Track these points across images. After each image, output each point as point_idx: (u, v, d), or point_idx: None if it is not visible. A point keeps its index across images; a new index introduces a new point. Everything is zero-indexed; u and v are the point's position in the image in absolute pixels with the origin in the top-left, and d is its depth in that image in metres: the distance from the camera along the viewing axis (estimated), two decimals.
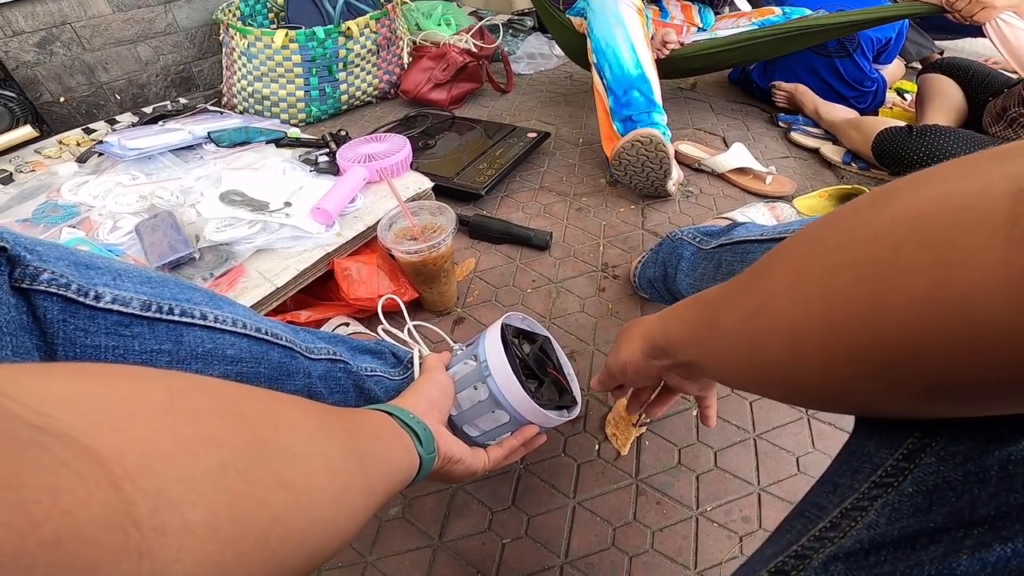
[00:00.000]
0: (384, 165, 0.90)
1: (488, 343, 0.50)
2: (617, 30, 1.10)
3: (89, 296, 0.34)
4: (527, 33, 2.11)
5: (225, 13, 1.55)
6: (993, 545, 0.21)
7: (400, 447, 0.37)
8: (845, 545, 0.26)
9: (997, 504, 0.21)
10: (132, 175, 1.00)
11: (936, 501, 0.24)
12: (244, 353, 0.43)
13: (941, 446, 0.25)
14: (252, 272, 0.78)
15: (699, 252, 0.66)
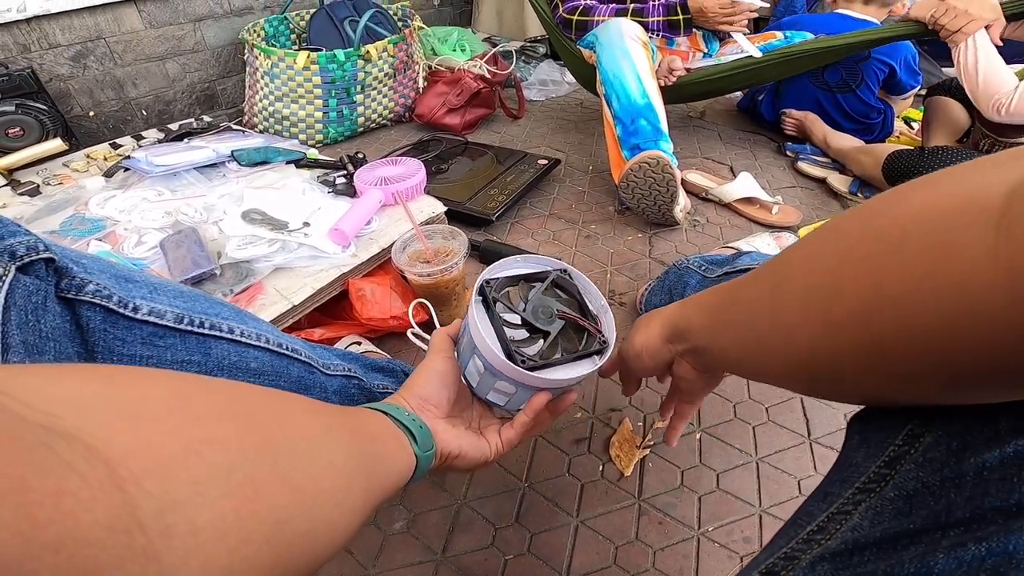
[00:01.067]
0: (399, 188, 0.94)
1: (469, 310, 0.45)
2: (624, 62, 1.14)
3: (128, 308, 0.36)
4: (539, 60, 2.17)
5: (250, 33, 1.61)
6: (968, 545, 0.22)
7: (397, 448, 0.37)
8: (831, 546, 0.27)
9: (972, 507, 0.23)
10: (158, 191, 1.04)
11: (916, 505, 0.26)
12: (267, 367, 0.45)
13: (920, 453, 0.27)
14: (270, 289, 0.81)
15: (704, 280, 0.68)
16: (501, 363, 0.42)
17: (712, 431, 0.76)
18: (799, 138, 1.53)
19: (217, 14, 1.67)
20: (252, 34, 1.61)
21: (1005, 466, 0.23)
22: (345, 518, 0.27)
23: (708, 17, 1.23)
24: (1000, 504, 0.22)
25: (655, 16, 1.30)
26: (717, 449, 0.74)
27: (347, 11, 1.68)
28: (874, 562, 0.25)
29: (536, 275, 0.50)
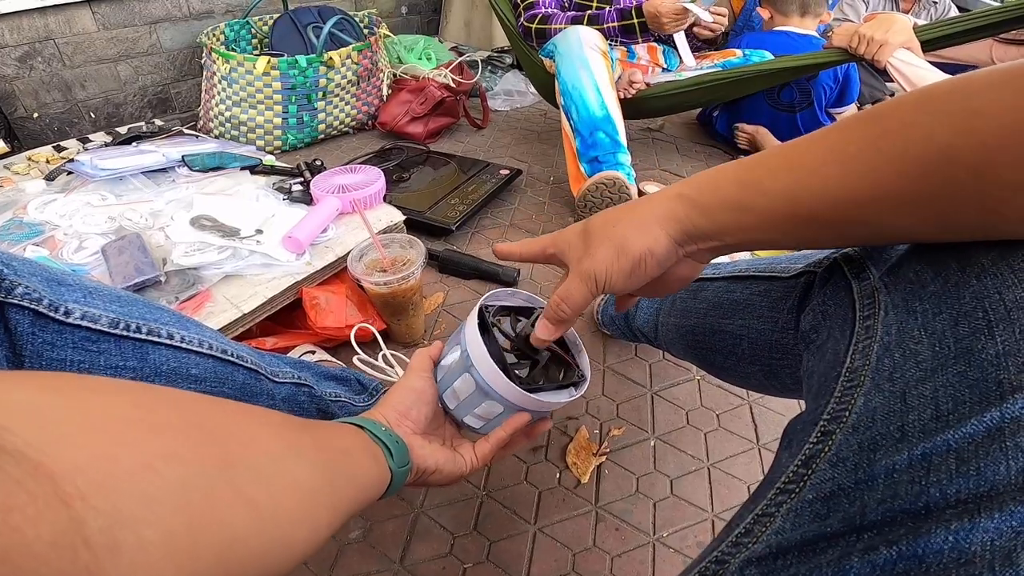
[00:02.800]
0: (357, 197, 0.93)
1: (467, 330, 0.47)
2: (583, 73, 1.16)
3: (59, 312, 0.35)
4: (505, 70, 2.18)
5: (209, 37, 1.57)
6: (880, 548, 0.23)
7: (370, 463, 0.37)
8: (757, 550, 0.28)
9: (884, 510, 0.24)
10: (102, 195, 1.00)
11: (832, 508, 0.27)
12: (208, 373, 0.44)
13: (833, 452, 0.28)
14: (219, 297, 0.79)
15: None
16: (499, 382, 0.44)
17: (665, 438, 0.78)
18: (752, 151, 1.59)
19: (175, 17, 1.63)
20: (211, 38, 1.57)
21: (913, 468, 0.25)
22: (305, 535, 0.27)
23: (663, 22, 1.25)
24: (909, 507, 0.24)
25: (610, 22, 1.32)
26: (671, 456, 0.75)
27: (312, 17, 1.67)
28: (795, 566, 0.26)
29: (523, 309, 0.53)
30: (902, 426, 0.26)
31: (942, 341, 0.27)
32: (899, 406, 0.27)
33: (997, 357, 0.25)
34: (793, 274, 0.45)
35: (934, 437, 0.25)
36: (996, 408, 0.24)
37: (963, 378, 0.25)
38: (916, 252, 0.31)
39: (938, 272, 0.29)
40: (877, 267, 0.34)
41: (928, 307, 0.29)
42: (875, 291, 0.33)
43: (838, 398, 0.30)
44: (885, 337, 0.30)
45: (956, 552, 0.22)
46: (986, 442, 0.23)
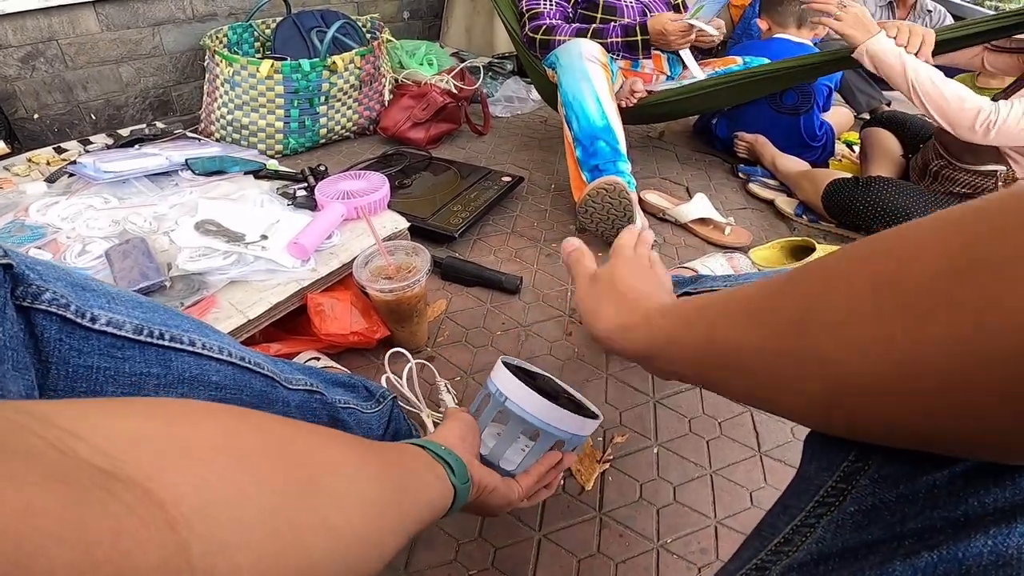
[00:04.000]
0: (362, 203, 0.93)
1: (495, 375, 0.52)
2: (583, 84, 1.17)
3: (86, 317, 0.35)
4: (506, 76, 2.19)
5: (213, 40, 1.57)
6: (921, 553, 0.24)
7: (433, 480, 0.38)
8: (798, 557, 0.29)
9: (924, 519, 0.25)
10: (104, 198, 1.00)
11: (873, 519, 0.27)
12: (228, 380, 0.44)
13: (874, 470, 0.29)
14: (224, 303, 0.79)
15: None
16: (537, 402, 0.49)
17: (668, 446, 0.78)
18: (750, 160, 1.60)
19: (179, 19, 1.63)
20: (214, 40, 1.57)
21: (953, 483, 0.25)
22: (373, 554, 0.27)
23: (670, 40, 1.27)
24: (949, 515, 0.24)
25: (614, 37, 1.33)
26: (674, 463, 0.76)
27: (315, 21, 1.67)
28: (837, 571, 0.27)
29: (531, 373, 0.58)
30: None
31: None
32: None
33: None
34: None
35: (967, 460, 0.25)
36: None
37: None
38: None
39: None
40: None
41: None
42: None
43: None
44: None
45: (994, 555, 0.22)
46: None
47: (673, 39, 1.25)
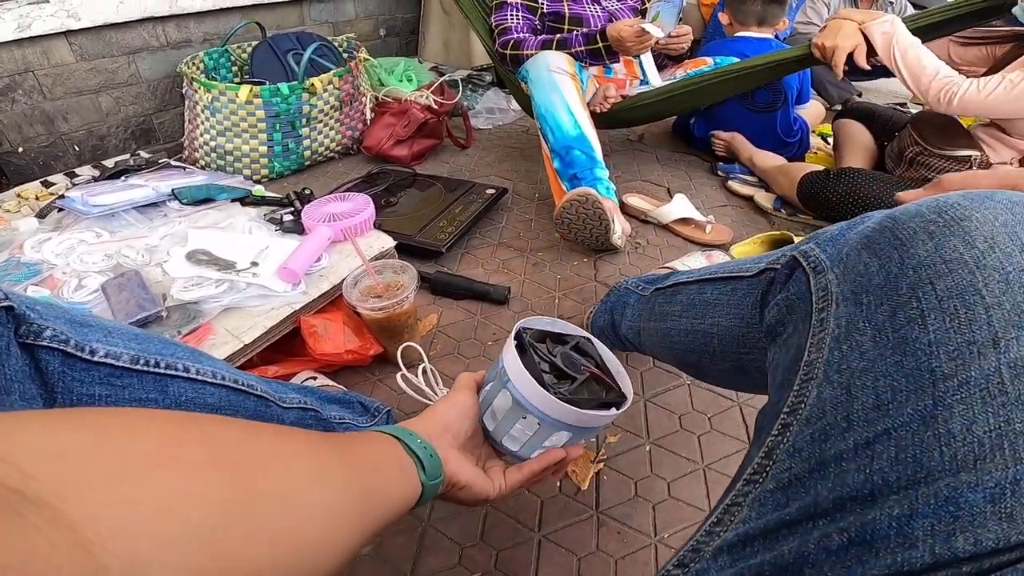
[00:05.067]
0: (348, 225, 0.95)
1: (505, 349, 0.49)
2: (554, 96, 1.20)
3: (85, 351, 0.38)
4: (486, 88, 2.22)
5: (189, 66, 1.58)
6: (832, 536, 0.26)
7: (401, 478, 0.38)
8: (728, 538, 0.30)
9: (834, 496, 0.27)
10: (96, 232, 1.01)
11: (792, 496, 0.29)
12: (223, 402, 0.47)
13: (790, 443, 0.30)
14: (220, 330, 0.81)
15: (640, 299, 0.73)
16: (535, 391, 0.46)
17: (660, 442, 0.81)
18: (729, 158, 1.64)
19: (153, 47, 1.64)
20: (191, 67, 1.59)
21: (859, 456, 0.27)
22: (330, 557, 0.28)
23: (627, 46, 1.28)
24: (856, 493, 0.26)
25: (577, 46, 1.35)
26: (667, 459, 0.78)
27: (291, 44, 1.69)
28: (762, 553, 0.28)
29: (562, 336, 0.55)
30: (848, 416, 0.28)
31: (882, 332, 0.29)
32: (845, 397, 0.29)
33: (930, 346, 0.27)
34: (755, 272, 0.48)
35: (876, 426, 0.27)
36: (929, 396, 0.26)
37: (900, 368, 0.27)
38: (866, 245, 0.33)
39: (883, 264, 0.31)
40: (831, 260, 0.36)
41: (872, 299, 0.31)
42: (828, 284, 0.35)
43: (796, 391, 0.32)
44: (836, 330, 0.32)
45: (901, 537, 0.24)
46: (921, 429, 0.25)
47: (630, 45, 1.27)
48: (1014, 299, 0.26)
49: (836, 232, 0.38)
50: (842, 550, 0.25)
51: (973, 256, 0.28)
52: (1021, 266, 0.27)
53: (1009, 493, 0.23)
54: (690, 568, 0.31)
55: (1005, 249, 0.27)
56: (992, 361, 0.25)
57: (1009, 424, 0.24)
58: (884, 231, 0.32)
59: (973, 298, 0.27)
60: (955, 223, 0.29)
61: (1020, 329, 0.25)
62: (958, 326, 0.26)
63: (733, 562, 0.29)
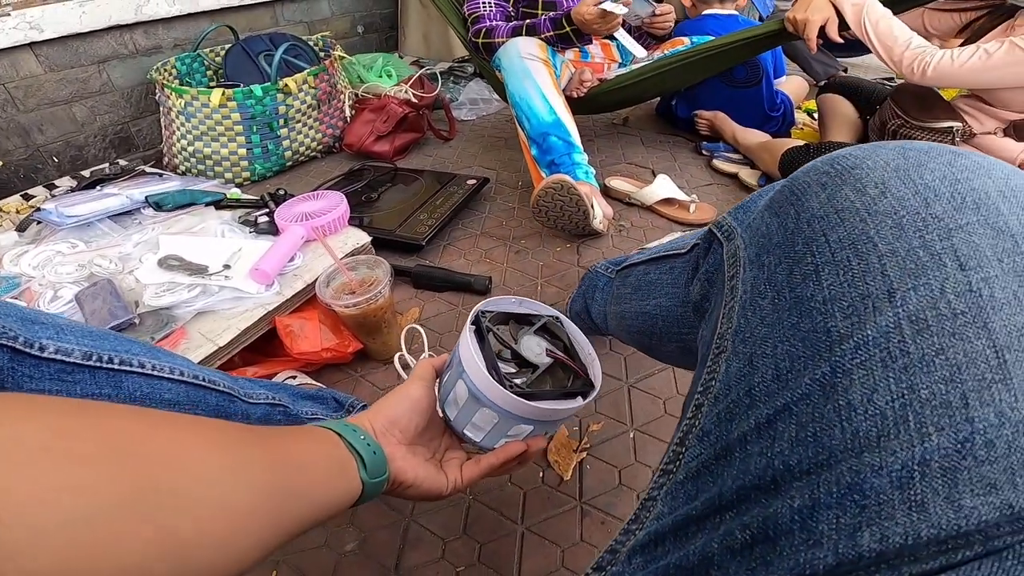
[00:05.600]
0: (320, 223, 0.94)
1: (461, 336, 0.46)
2: (526, 82, 1.18)
3: (34, 347, 0.37)
4: (468, 79, 2.19)
5: (160, 72, 1.57)
6: (735, 534, 0.23)
7: (337, 477, 0.36)
8: (640, 539, 0.28)
9: (737, 487, 0.24)
10: (71, 243, 1.00)
11: (700, 487, 0.26)
12: (182, 397, 0.46)
13: (699, 427, 0.28)
14: (194, 334, 0.80)
15: (610, 281, 0.72)
16: (488, 385, 0.43)
17: (644, 429, 0.79)
18: (713, 137, 1.62)
19: (122, 54, 1.63)
20: (162, 73, 1.57)
21: (761, 437, 0.24)
22: (234, 557, 0.27)
23: (593, 28, 1.25)
24: (758, 481, 0.23)
25: (545, 32, 1.32)
26: (651, 446, 0.77)
27: (264, 45, 1.67)
28: (672, 553, 0.26)
29: (529, 317, 0.52)
30: (750, 390, 0.26)
31: (781, 293, 0.27)
32: (748, 369, 0.27)
33: (825, 303, 0.24)
34: (688, 248, 0.46)
35: (776, 400, 0.24)
36: (826, 361, 0.23)
37: (797, 330, 0.25)
38: (768, 205, 0.31)
39: (781, 222, 0.29)
40: (740, 225, 0.34)
41: (772, 259, 0.29)
42: (737, 249, 0.33)
43: (708, 367, 0.30)
44: (743, 295, 0.30)
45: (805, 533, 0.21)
46: (821, 402, 0.23)
47: (596, 27, 1.23)
48: (908, 245, 0.23)
49: (749, 200, 0.37)
50: (746, 549, 0.22)
51: (864, 203, 0.25)
52: (915, 210, 0.24)
53: (918, 476, 0.20)
54: (607, 571, 0.29)
55: (897, 194, 0.25)
56: (889, 316, 0.22)
57: (913, 391, 0.21)
58: (783, 189, 0.30)
59: (866, 247, 0.24)
60: (846, 172, 0.27)
61: (916, 278, 0.23)
62: (852, 279, 0.24)
63: (645, 564, 0.27)
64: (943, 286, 0.22)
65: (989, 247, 0.22)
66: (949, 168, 0.25)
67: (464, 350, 0.44)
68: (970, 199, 0.24)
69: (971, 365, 0.20)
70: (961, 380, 0.20)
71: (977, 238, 0.23)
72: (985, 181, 0.25)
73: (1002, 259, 0.22)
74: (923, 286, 0.22)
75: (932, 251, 0.23)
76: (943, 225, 0.23)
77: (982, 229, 0.23)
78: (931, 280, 0.22)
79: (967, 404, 0.20)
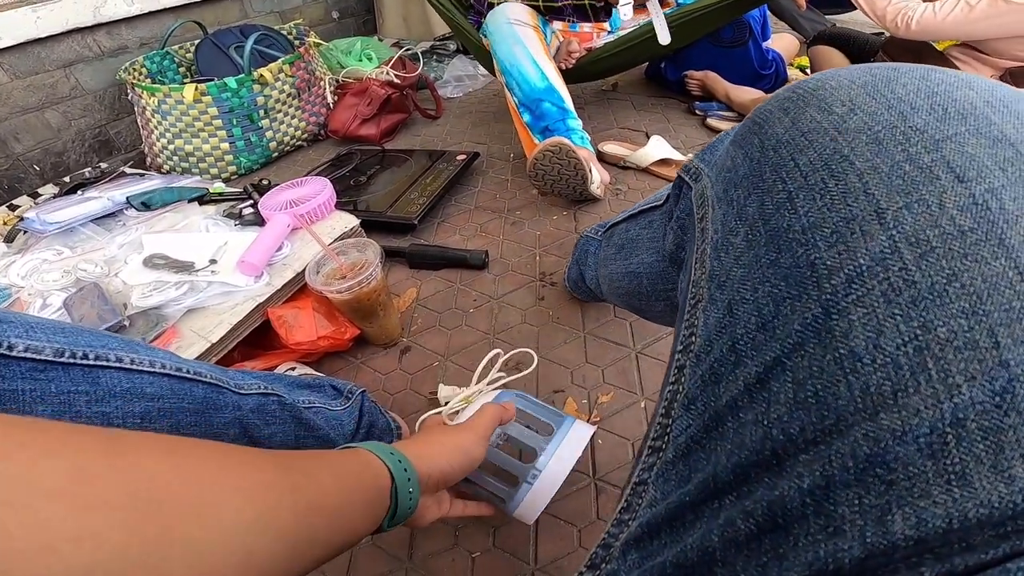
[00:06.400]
0: (305, 210, 0.91)
1: (566, 449, 0.51)
2: (516, 48, 1.14)
3: (2, 347, 0.36)
4: (451, 56, 2.15)
5: (129, 72, 1.52)
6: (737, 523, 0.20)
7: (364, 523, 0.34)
8: (633, 531, 0.25)
9: (733, 465, 0.21)
10: (56, 250, 0.98)
11: (693, 467, 0.23)
12: (164, 391, 0.44)
13: (684, 393, 0.25)
14: (186, 332, 0.78)
15: (600, 244, 0.69)
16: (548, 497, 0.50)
17: (655, 398, 0.77)
18: (705, 97, 1.58)
19: (87, 57, 1.58)
20: (131, 73, 1.52)
21: (754, 401, 0.21)
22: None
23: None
24: (757, 457, 0.20)
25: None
26: None
27: (234, 38, 1.62)
28: (669, 548, 0.22)
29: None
30: (733, 344, 0.22)
31: (754, 228, 0.24)
32: (728, 319, 0.23)
33: (804, 233, 0.21)
34: (664, 199, 0.44)
35: (764, 353, 0.21)
36: (815, 300, 0.20)
37: (777, 267, 0.22)
38: (733, 140, 0.29)
39: (746, 153, 0.26)
40: (707, 164, 0.32)
41: (740, 192, 0.26)
42: (705, 189, 0.30)
43: (687, 321, 0.27)
44: (714, 236, 0.27)
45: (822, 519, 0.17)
46: (817, 352, 0.19)
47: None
48: (891, 160, 0.20)
49: (716, 139, 0.35)
50: (752, 541, 0.19)
51: (832, 122, 0.23)
52: (890, 124, 0.21)
53: (952, 441, 0.16)
54: (601, 570, 0.25)
55: (868, 109, 0.22)
56: (882, 240, 0.19)
57: (928, 330, 0.17)
58: (746, 121, 0.28)
59: (841, 165, 0.21)
60: (809, 94, 0.25)
61: (908, 195, 0.19)
62: (831, 203, 0.21)
63: (641, 560, 0.23)
64: (941, 201, 0.19)
65: (987, 156, 0.19)
66: (923, 81, 0.22)
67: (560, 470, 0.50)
68: (953, 110, 0.21)
69: (993, 292, 0.17)
70: (985, 312, 0.16)
71: (971, 148, 0.19)
72: (967, 92, 0.21)
73: (1005, 168, 0.19)
74: (917, 203, 0.19)
75: (919, 164, 0.20)
76: (927, 137, 0.20)
77: (974, 139, 0.20)
78: (925, 196, 0.19)
79: (997, 343, 0.16)
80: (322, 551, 0.30)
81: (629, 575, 0.24)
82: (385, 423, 0.69)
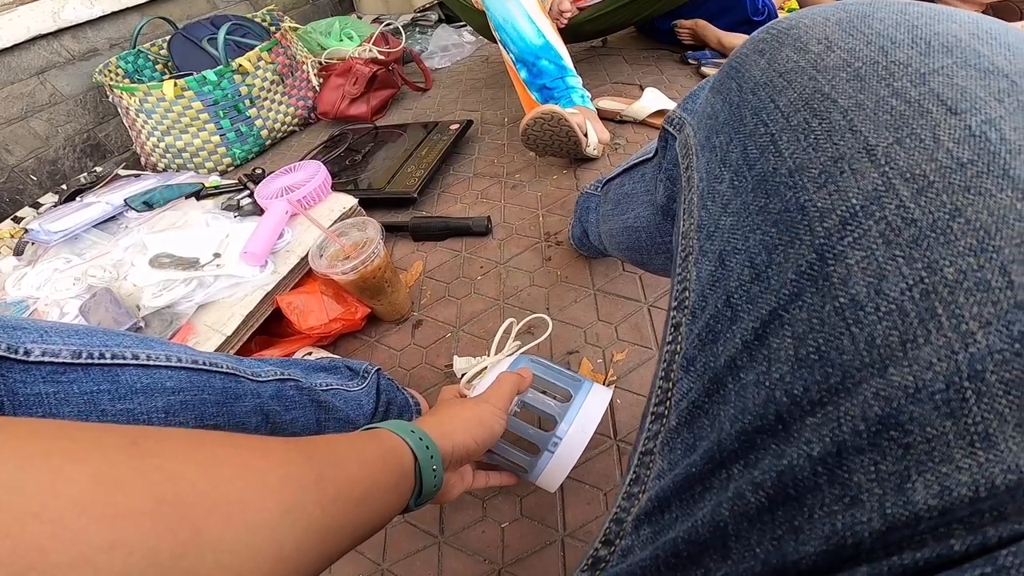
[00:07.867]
0: (301, 195, 0.91)
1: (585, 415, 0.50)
2: (511, 4, 1.11)
3: (20, 352, 0.36)
4: (433, 27, 2.10)
5: (104, 74, 1.50)
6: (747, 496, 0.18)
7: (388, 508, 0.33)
8: (644, 506, 0.24)
9: (737, 431, 0.20)
10: (65, 258, 0.99)
11: (698, 434, 0.22)
12: (184, 383, 0.45)
13: (683, 354, 0.24)
14: (200, 327, 0.79)
15: (599, 200, 0.68)
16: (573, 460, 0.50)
17: None
18: (697, 46, 1.53)
19: (58, 63, 1.55)
20: (106, 75, 1.50)
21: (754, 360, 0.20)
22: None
23: None
24: (761, 422, 0.19)
25: None
26: None
27: (206, 30, 1.59)
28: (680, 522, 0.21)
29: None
30: (728, 298, 0.21)
31: (739, 173, 0.23)
32: (721, 271, 0.22)
33: (791, 175, 0.20)
34: (654, 151, 0.43)
35: (760, 306, 0.20)
36: (809, 245, 0.19)
37: (766, 213, 0.21)
38: (712, 86, 0.28)
39: (725, 98, 0.26)
40: (689, 113, 0.31)
41: (722, 138, 0.25)
42: (687, 138, 0.30)
43: (679, 276, 0.26)
44: (700, 184, 0.26)
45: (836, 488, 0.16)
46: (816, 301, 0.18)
47: None
48: (876, 95, 0.19)
49: (697, 88, 0.34)
50: (764, 514, 0.18)
51: (809, 60, 0.22)
52: (871, 59, 0.20)
53: (972, 398, 0.14)
54: (616, 546, 0.24)
55: (846, 46, 0.21)
56: (875, 178, 0.18)
57: (933, 270, 0.16)
58: (724, 67, 0.27)
59: (823, 104, 0.20)
60: (783, 33, 0.24)
61: (898, 130, 0.18)
62: (816, 142, 0.20)
63: (654, 535, 0.22)
64: (935, 134, 0.17)
65: (980, 88, 0.18)
66: (902, 15, 0.21)
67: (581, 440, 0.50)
68: (937, 43, 0.20)
69: (1002, 226, 0.15)
70: (995, 248, 0.15)
71: (960, 80, 0.18)
72: (950, 25, 0.20)
73: (1002, 99, 0.17)
74: (909, 138, 0.18)
75: (907, 99, 0.19)
76: (912, 71, 0.19)
77: (963, 71, 0.18)
78: (917, 130, 0.18)
79: (1011, 282, 0.14)
80: (350, 538, 0.30)
81: (644, 551, 0.23)
82: (403, 400, 0.70)
